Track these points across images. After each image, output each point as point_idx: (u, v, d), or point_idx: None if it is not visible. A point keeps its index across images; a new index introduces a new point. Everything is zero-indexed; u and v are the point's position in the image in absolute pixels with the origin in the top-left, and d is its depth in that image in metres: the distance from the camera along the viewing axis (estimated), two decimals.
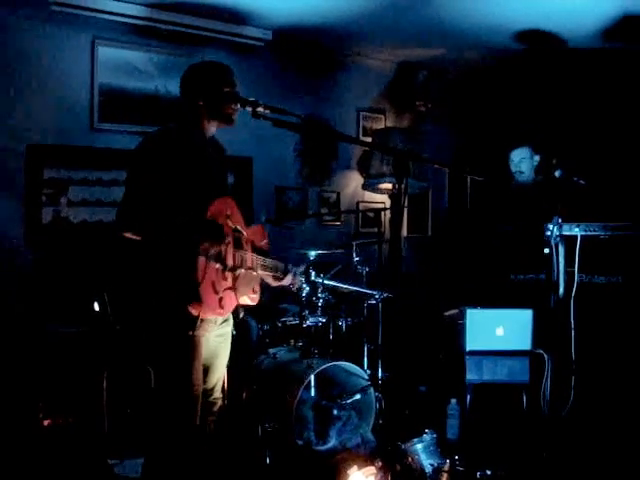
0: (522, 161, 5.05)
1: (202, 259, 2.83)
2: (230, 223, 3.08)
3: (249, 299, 3.32)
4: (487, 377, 4.38)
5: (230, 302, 3.08)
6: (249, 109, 3.05)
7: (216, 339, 3.24)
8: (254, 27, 5.85)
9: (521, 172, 5.06)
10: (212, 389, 3.33)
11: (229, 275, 3.04)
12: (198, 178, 3.06)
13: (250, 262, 3.23)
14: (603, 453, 4.02)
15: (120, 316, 4.59)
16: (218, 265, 2.94)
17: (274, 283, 3.54)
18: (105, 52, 5.28)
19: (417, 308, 5.80)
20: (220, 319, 3.19)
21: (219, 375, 3.37)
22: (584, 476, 3.85)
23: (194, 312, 2.89)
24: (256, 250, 3.34)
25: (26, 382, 4.50)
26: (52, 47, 5.08)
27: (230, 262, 3.04)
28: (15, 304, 4.83)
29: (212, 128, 3.26)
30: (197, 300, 2.85)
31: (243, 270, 3.13)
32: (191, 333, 2.96)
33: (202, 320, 2.98)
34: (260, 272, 3.34)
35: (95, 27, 5.25)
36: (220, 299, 2.97)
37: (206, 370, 3.22)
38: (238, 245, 3.14)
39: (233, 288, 3.07)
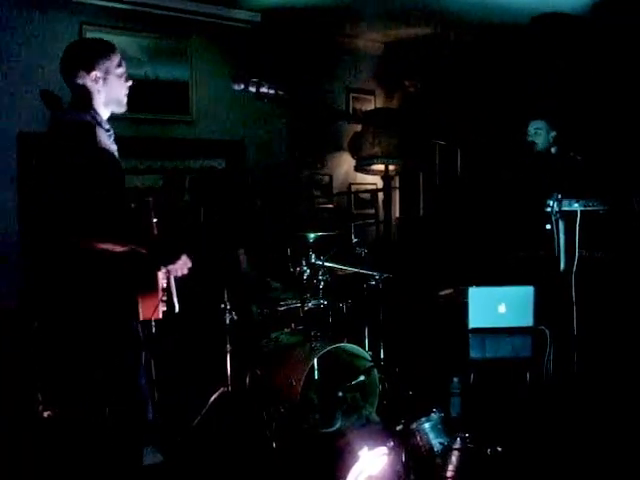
0: (537, 132, 4.97)
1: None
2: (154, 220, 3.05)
3: None
4: (490, 354, 4.39)
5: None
6: (252, 90, 2.99)
7: None
8: (243, 10, 5.80)
9: (535, 143, 4.98)
10: None
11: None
12: (111, 175, 2.90)
13: None
14: (606, 427, 4.04)
15: None
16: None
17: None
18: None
19: (413, 288, 5.79)
20: None
21: None
22: (587, 450, 3.85)
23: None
24: None
25: (24, 373, 4.45)
26: (40, 33, 5.02)
27: None
28: (10, 295, 4.78)
29: (106, 113, 3.08)
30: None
31: None
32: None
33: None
34: None
35: (83, 13, 5.19)
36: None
37: None
38: None
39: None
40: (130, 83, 3.08)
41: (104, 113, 3.05)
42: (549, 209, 4.23)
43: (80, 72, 2.97)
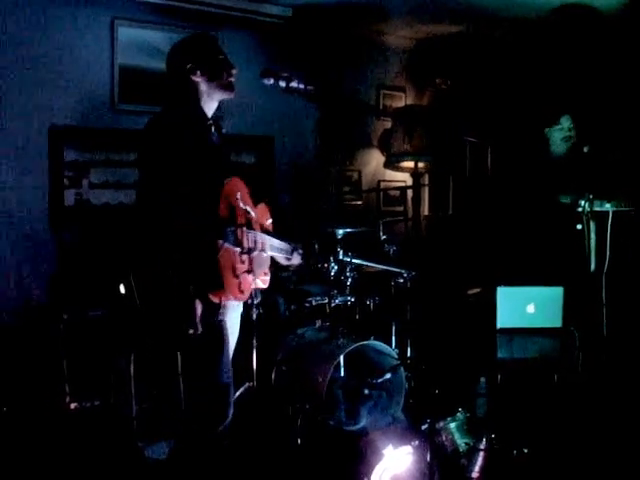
0: (571, 127, 4.91)
1: (220, 243, 2.76)
2: (241, 204, 2.99)
3: (262, 282, 3.29)
4: (518, 355, 4.36)
5: (248, 286, 3.02)
6: (282, 84, 2.98)
7: (230, 322, 3.15)
8: (274, 5, 5.79)
9: (570, 137, 4.91)
10: None
11: (246, 258, 2.97)
12: (207, 162, 2.97)
13: (261, 243, 3.16)
14: (636, 429, 3.99)
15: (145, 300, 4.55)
16: (237, 248, 2.87)
17: (284, 262, 3.59)
18: (125, 32, 5.22)
19: (441, 287, 5.75)
20: (238, 302, 3.14)
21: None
22: (616, 453, 3.81)
23: (216, 299, 2.79)
24: (263, 231, 3.29)
25: (52, 366, 4.49)
26: (72, 28, 5.03)
27: (246, 244, 2.96)
28: (40, 288, 4.81)
29: (214, 103, 3.16)
30: (220, 287, 2.76)
31: (257, 252, 3.07)
32: (215, 320, 2.88)
33: (224, 306, 2.90)
34: (270, 253, 3.32)
35: (114, 7, 5.20)
36: (239, 283, 2.90)
37: None
38: (249, 227, 3.07)
39: (250, 271, 3.00)
40: (235, 70, 3.15)
41: (210, 105, 3.13)
42: (580, 209, 4.19)
43: (182, 68, 3.07)
